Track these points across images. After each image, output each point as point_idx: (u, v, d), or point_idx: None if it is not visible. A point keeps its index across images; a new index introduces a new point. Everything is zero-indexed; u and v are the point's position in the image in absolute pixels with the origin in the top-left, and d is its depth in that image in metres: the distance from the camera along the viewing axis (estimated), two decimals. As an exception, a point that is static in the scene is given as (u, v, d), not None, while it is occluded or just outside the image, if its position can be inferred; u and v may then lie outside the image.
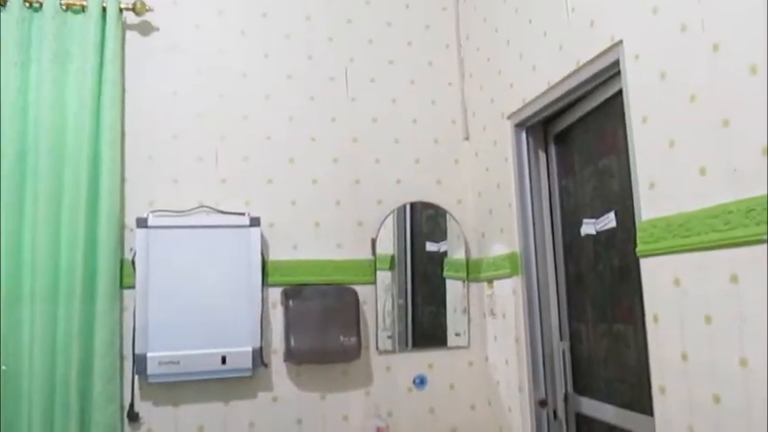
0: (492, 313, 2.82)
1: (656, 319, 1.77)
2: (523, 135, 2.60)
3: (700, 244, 1.59)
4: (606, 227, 2.20)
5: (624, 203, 2.04)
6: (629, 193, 1.90)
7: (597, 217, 2.25)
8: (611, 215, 2.16)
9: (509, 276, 2.62)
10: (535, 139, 2.59)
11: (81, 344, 2.43)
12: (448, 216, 2.99)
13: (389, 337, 2.85)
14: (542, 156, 2.60)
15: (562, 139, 2.52)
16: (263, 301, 2.65)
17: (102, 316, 2.47)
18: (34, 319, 2.41)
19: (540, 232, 2.56)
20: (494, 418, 2.80)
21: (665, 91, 1.72)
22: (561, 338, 2.48)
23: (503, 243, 2.69)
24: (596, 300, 2.30)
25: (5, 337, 2.38)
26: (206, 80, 2.79)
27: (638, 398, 2.00)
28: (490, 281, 2.82)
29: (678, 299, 1.68)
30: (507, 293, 2.64)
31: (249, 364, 2.55)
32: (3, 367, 2.36)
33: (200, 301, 2.55)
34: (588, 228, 2.31)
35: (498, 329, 2.76)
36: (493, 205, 2.80)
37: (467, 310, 2.94)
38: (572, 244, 2.45)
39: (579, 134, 2.39)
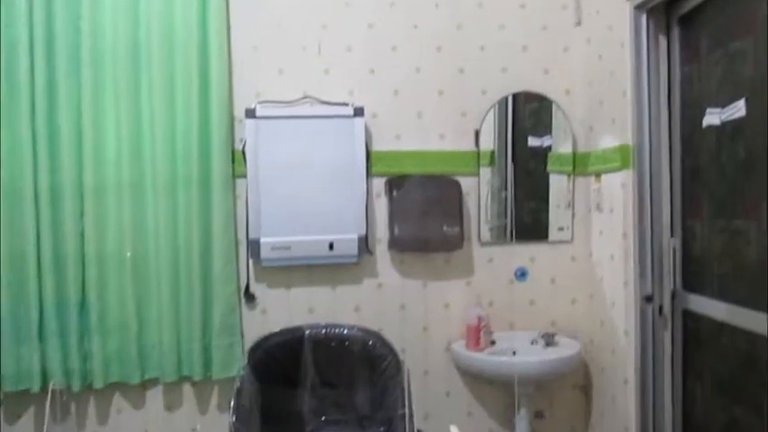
0: (598, 208, 2.75)
1: (785, 214, 1.67)
2: (643, 18, 2.41)
3: None
4: (733, 116, 2.04)
5: (757, 90, 1.88)
6: (765, 78, 1.74)
7: (723, 106, 2.09)
8: (741, 103, 2.00)
9: (619, 170, 2.52)
10: (656, 21, 2.40)
11: (200, 229, 2.59)
12: (554, 107, 2.87)
13: (491, 229, 2.85)
14: (663, 40, 2.41)
15: (688, 21, 2.31)
16: (368, 190, 2.70)
17: (218, 203, 2.60)
18: (157, 207, 2.58)
19: (655, 123, 2.42)
20: (595, 313, 2.79)
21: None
22: (672, 234, 2.40)
23: (614, 135, 2.58)
24: (715, 195, 2.18)
25: (132, 225, 2.57)
26: (307, -33, 2.73)
27: (755, 295, 1.93)
28: (598, 175, 2.73)
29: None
30: (616, 188, 2.56)
31: (355, 251, 2.64)
32: (128, 253, 2.56)
33: (307, 189, 2.63)
34: (712, 118, 2.16)
35: (604, 224, 2.70)
36: (604, 95, 2.67)
37: (571, 205, 2.88)
38: (691, 136, 2.31)
39: (709, 14, 2.19)
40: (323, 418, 2.09)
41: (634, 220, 2.44)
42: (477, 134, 2.81)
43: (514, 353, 2.69)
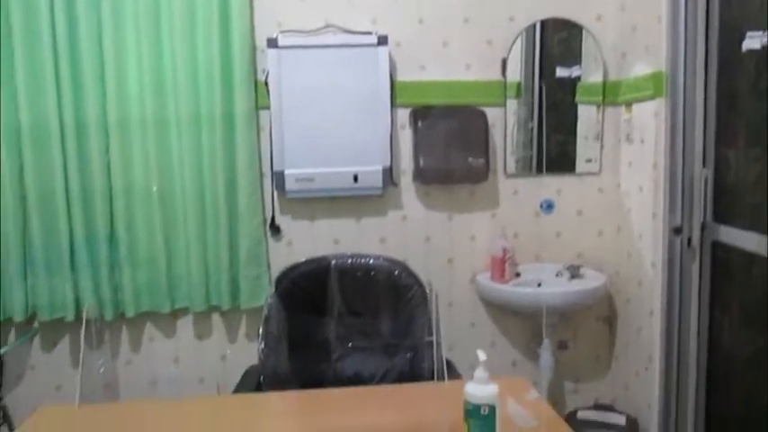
0: (628, 139, 2.69)
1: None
2: (681, -64, 2.29)
3: None
4: (776, 39, 1.95)
5: (802, 10, 1.78)
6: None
7: (765, 29, 2.00)
8: (784, 25, 1.91)
9: (651, 98, 2.44)
10: (695, -61, 2.28)
11: (224, 162, 2.59)
12: (584, 34, 2.77)
13: (517, 161, 2.81)
14: (701, -40, 2.29)
15: (729, -63, 2.19)
16: (392, 122, 2.66)
17: (242, 135, 2.59)
18: (181, 141, 2.58)
19: (691, 48, 2.32)
20: (622, 245, 2.77)
21: None
22: (704, 165, 2.34)
23: (647, 62, 2.49)
24: (753, 123, 2.11)
25: (157, 160, 2.58)
26: None
27: (790, 225, 1.89)
28: (629, 104, 2.66)
29: None
30: (648, 117, 2.49)
31: (380, 183, 2.62)
32: (154, 188, 2.58)
33: (331, 121, 2.60)
34: (752, 42, 2.07)
35: (634, 155, 2.64)
36: (638, 20, 2.56)
37: (600, 136, 2.82)
38: (729, 61, 2.21)
39: (753, -70, 2.07)
40: (349, 345, 2.12)
41: (665, 150, 2.39)
42: (504, 63, 2.74)
43: (539, 284, 2.70)
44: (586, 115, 2.84)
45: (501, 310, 2.84)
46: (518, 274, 2.74)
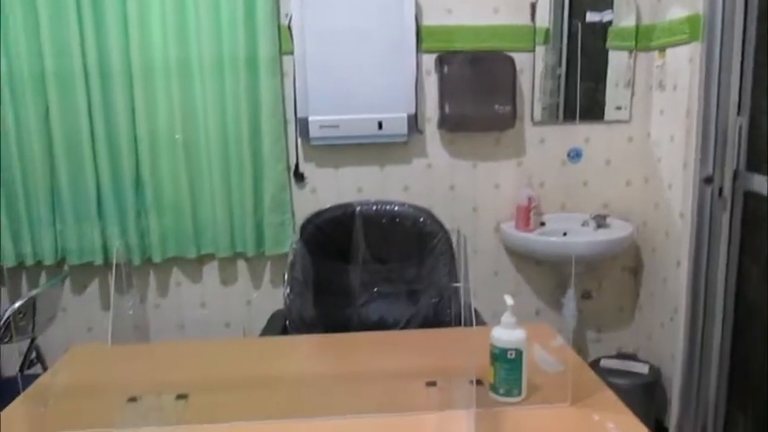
0: (661, 85, 2.61)
1: None
2: None
3: None
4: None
5: None
6: None
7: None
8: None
9: (687, 42, 2.36)
10: None
11: (248, 109, 2.57)
12: (618, -24, 2.67)
13: (545, 108, 2.75)
14: None
15: None
16: (418, 67, 2.61)
17: (265, 81, 2.56)
18: (205, 88, 2.56)
19: (730, -10, 2.23)
20: (650, 195, 2.73)
21: None
22: (739, 112, 2.27)
23: (683, 5, 2.39)
24: (792, 67, 2.03)
25: (181, 106, 2.57)
26: None
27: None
28: (662, 49, 2.58)
29: None
30: (682, 62, 2.41)
31: (404, 130, 2.59)
32: (177, 136, 2.57)
33: (355, 66, 2.56)
34: (797, -19, 1.97)
35: (666, 103, 2.57)
36: (675, -40, 2.46)
37: (631, 83, 2.74)
38: (770, 2, 2.12)
39: None
40: (374, 291, 2.14)
41: (699, 97, 2.32)
42: (533, 7, 2.65)
43: (565, 234, 2.67)
44: (617, 61, 2.76)
45: (525, 259, 2.83)
46: (543, 224, 2.72)
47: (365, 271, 2.14)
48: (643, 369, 2.58)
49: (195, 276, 2.79)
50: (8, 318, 1.92)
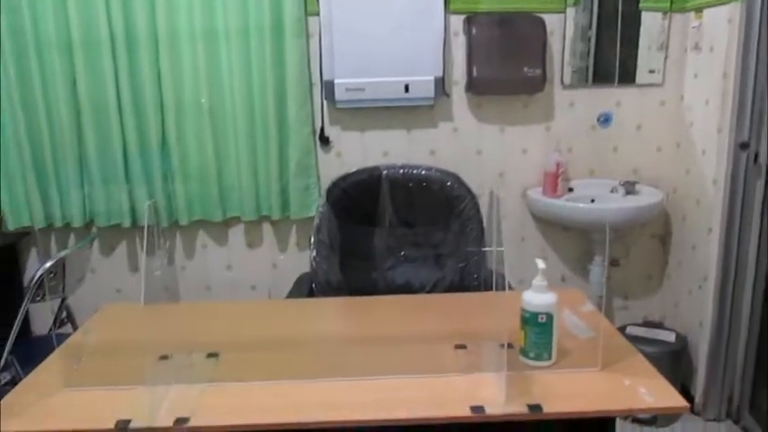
0: (696, 47, 2.53)
1: None
2: None
3: None
4: None
5: None
6: None
7: None
8: None
9: (725, 3, 2.28)
10: None
11: (274, 72, 2.55)
12: (655, -67, 2.58)
13: (575, 71, 2.69)
14: None
15: None
16: (445, 29, 2.56)
17: (291, 43, 2.53)
18: (230, 51, 2.54)
19: (773, -53, 2.15)
20: (682, 161, 2.67)
21: None
22: (778, 74, 2.20)
23: (723, -38, 2.31)
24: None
25: (207, 71, 2.55)
26: None
27: None
28: (699, 10, 2.49)
29: None
30: (720, 23, 2.33)
31: (431, 93, 2.55)
32: (203, 100, 2.56)
33: (382, 28, 2.51)
34: None
35: (701, 65, 2.50)
36: None
37: (664, 45, 2.66)
38: (816, -40, 2.04)
39: None
40: (401, 254, 2.13)
41: (737, 59, 2.24)
42: (565, -34, 2.58)
43: (593, 200, 2.64)
44: (651, 23, 2.68)
45: (552, 226, 2.80)
46: (571, 190, 2.68)
47: (391, 235, 2.14)
48: (669, 337, 2.56)
49: (221, 239, 2.81)
50: (40, 277, 1.94)
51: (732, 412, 2.48)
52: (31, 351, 1.72)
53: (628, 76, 2.71)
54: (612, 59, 2.70)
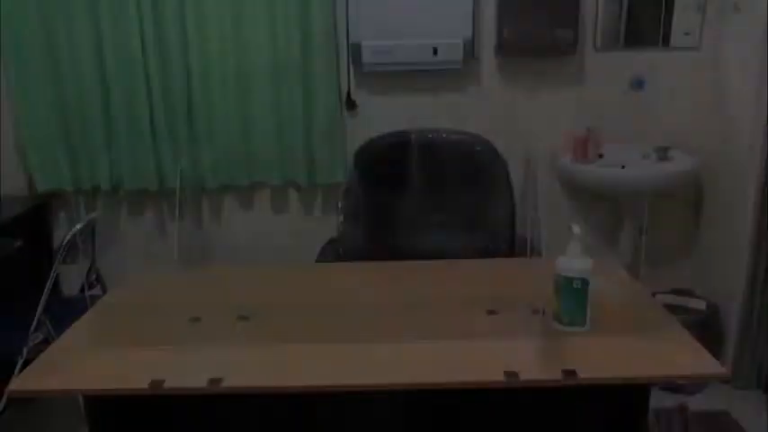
0: (736, 7, 2.44)
1: None
2: None
3: None
4: None
5: None
6: None
7: None
8: None
9: (769, -40, 2.19)
10: None
11: (300, 34, 2.52)
12: None
13: (608, 34, 2.61)
14: None
15: None
16: (476, -11, 2.50)
17: (317, 5, 2.49)
18: (256, 16, 2.52)
19: None
20: (717, 127, 2.59)
21: None
22: (823, 37, 2.11)
23: None
24: None
25: (233, 35, 2.54)
26: None
27: None
28: (740, -32, 2.40)
29: None
30: (762, -18, 2.24)
31: (460, 56, 2.50)
32: (230, 63, 2.54)
33: (411, -11, 2.46)
34: None
35: (741, 27, 2.41)
36: None
37: (702, 6, 2.57)
38: None
39: None
40: (430, 219, 2.11)
41: (779, 20, 2.16)
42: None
43: (623, 166, 2.58)
44: (688, -17, 2.59)
45: (581, 192, 2.75)
46: (601, 155, 2.62)
47: (420, 200, 2.11)
48: (700, 305, 2.53)
49: (247, 204, 2.80)
50: (71, 238, 1.96)
51: (762, 382, 2.45)
52: (63, 312, 1.74)
53: (662, 39, 2.63)
54: (646, 21, 2.62)
